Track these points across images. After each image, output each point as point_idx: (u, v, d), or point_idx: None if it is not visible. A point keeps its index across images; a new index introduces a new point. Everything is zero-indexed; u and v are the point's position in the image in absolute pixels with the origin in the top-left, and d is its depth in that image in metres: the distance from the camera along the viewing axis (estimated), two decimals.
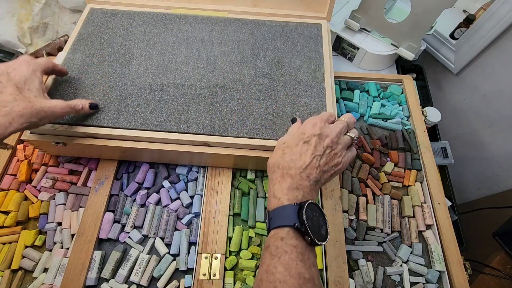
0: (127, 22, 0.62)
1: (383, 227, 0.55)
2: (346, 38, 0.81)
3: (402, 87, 0.72)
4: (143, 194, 0.56)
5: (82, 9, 0.80)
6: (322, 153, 0.37)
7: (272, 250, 0.32)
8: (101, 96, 0.53)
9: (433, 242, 0.54)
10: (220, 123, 0.51)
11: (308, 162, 0.36)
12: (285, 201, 0.34)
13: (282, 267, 0.30)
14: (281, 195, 0.35)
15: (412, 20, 0.70)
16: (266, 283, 0.30)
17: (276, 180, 0.37)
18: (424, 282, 0.51)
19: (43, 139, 0.51)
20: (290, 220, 0.33)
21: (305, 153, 0.37)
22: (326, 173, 0.38)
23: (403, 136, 0.64)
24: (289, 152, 0.38)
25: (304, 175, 0.36)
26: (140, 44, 0.59)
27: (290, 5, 0.65)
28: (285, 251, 0.31)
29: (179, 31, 0.62)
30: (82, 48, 0.58)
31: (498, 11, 0.74)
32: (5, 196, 0.56)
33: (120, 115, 0.51)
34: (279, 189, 0.36)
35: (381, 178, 0.60)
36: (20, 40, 0.77)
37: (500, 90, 0.82)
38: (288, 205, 0.34)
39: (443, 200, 0.57)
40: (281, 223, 0.33)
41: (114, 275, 0.50)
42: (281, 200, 0.35)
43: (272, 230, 0.34)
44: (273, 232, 0.34)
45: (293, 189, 0.35)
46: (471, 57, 0.85)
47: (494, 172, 0.90)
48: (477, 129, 0.93)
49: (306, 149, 0.37)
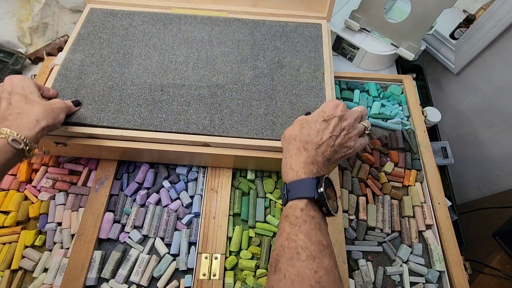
0: (127, 22, 0.62)
1: (383, 227, 0.55)
2: (346, 38, 0.81)
3: (402, 87, 0.72)
4: (143, 194, 0.56)
5: (82, 9, 0.80)
6: (339, 134, 0.39)
7: (292, 220, 0.34)
8: (101, 96, 0.53)
9: (433, 242, 0.54)
10: (220, 123, 0.51)
11: (325, 140, 0.38)
12: (302, 174, 0.36)
13: (303, 235, 0.32)
14: (298, 168, 0.37)
15: (412, 20, 0.70)
16: (288, 249, 0.32)
17: (293, 152, 0.38)
18: (424, 282, 0.51)
19: (43, 139, 0.51)
20: (309, 193, 0.35)
21: (323, 130, 0.39)
22: (337, 154, 0.40)
23: (403, 136, 0.64)
24: (308, 127, 0.40)
25: (320, 151, 0.38)
26: (140, 44, 0.59)
27: (290, 5, 0.65)
28: (304, 221, 0.33)
29: (178, 31, 0.62)
30: (81, 48, 0.58)
31: (498, 11, 0.74)
32: (5, 196, 0.56)
33: (120, 115, 0.51)
34: (295, 162, 0.37)
35: (381, 178, 0.60)
36: (20, 40, 0.77)
37: (500, 90, 0.82)
38: (307, 178, 0.36)
39: (443, 200, 0.57)
40: (301, 195, 0.35)
41: (114, 275, 0.50)
42: (298, 173, 0.36)
43: (291, 201, 0.36)
44: (292, 203, 0.35)
45: (309, 163, 0.37)
46: (471, 57, 0.85)
47: (494, 172, 0.90)
48: (477, 129, 0.93)
49: (324, 127, 0.39)
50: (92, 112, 0.51)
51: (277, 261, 0.33)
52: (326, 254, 0.32)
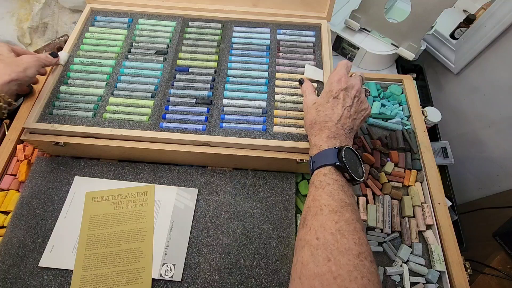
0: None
1: (383, 227, 0.55)
2: (346, 38, 0.81)
3: (402, 87, 0.72)
4: None
5: (82, 9, 0.80)
6: (351, 104, 0.44)
7: (317, 184, 0.38)
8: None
9: (433, 242, 0.54)
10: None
11: (341, 114, 0.42)
12: (325, 147, 0.40)
13: (326, 195, 0.36)
14: (321, 143, 0.41)
15: (412, 20, 0.70)
16: (313, 208, 0.36)
17: (316, 133, 0.43)
18: (424, 282, 0.51)
19: (43, 139, 0.51)
20: (331, 160, 0.38)
21: (336, 106, 0.43)
22: (357, 120, 0.44)
23: (403, 136, 0.64)
24: (322, 109, 0.44)
25: (340, 126, 0.42)
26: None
27: (290, 5, 0.65)
28: (327, 183, 0.37)
29: None
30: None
31: (498, 11, 0.74)
32: (5, 196, 0.56)
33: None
34: (319, 139, 0.42)
35: (381, 178, 0.60)
36: (19, 40, 0.77)
37: (500, 90, 0.82)
38: (328, 149, 0.40)
39: (443, 200, 0.57)
40: (323, 162, 0.39)
41: None
42: (322, 146, 0.40)
43: (316, 170, 0.40)
44: (316, 171, 0.39)
45: (331, 138, 0.41)
46: (471, 57, 0.85)
47: (494, 172, 0.90)
48: (477, 129, 0.93)
49: (336, 104, 0.43)
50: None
51: (304, 218, 0.37)
52: (347, 209, 0.35)
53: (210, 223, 0.53)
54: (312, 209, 0.36)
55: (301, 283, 0.31)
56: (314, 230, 0.34)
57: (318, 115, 0.44)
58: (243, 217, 0.53)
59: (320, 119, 0.43)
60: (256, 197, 0.55)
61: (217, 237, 0.52)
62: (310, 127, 0.45)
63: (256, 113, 0.55)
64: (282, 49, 0.62)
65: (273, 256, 0.50)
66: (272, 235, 0.52)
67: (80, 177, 0.56)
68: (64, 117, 0.52)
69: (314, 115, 0.44)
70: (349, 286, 0.29)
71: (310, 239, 0.34)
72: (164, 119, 0.53)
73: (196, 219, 0.53)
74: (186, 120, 0.53)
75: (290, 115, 0.55)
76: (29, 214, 0.52)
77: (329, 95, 0.44)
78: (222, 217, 0.53)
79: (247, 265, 0.50)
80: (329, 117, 0.43)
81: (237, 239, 0.52)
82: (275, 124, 0.53)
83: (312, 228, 0.34)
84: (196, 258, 0.50)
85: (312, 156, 0.42)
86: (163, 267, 0.49)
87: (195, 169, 0.58)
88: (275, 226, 0.53)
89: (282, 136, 0.52)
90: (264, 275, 0.49)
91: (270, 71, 0.59)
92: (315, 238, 0.33)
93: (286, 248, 0.51)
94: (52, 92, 0.54)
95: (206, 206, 0.54)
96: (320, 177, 0.38)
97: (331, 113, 0.43)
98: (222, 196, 0.55)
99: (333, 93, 0.44)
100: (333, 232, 0.33)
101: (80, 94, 0.55)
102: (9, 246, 0.49)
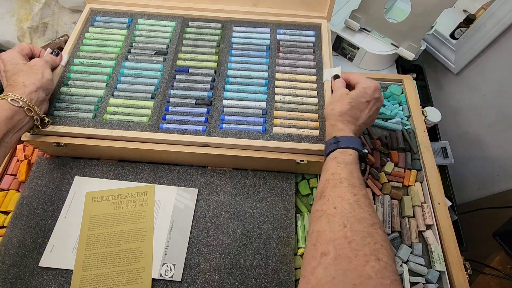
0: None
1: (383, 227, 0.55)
2: (346, 38, 0.81)
3: (402, 87, 0.72)
4: None
5: (82, 9, 0.80)
6: (372, 114, 0.48)
7: (339, 160, 0.40)
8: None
9: (433, 242, 0.54)
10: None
11: (365, 119, 0.47)
12: (352, 134, 0.44)
13: (347, 171, 0.39)
14: (349, 130, 0.45)
15: (412, 20, 0.70)
16: (332, 181, 0.38)
17: (344, 122, 0.46)
18: (424, 282, 0.51)
19: (43, 140, 0.51)
20: (359, 146, 0.42)
21: (364, 110, 0.48)
22: (367, 125, 0.49)
23: (403, 136, 0.64)
24: (356, 106, 0.47)
25: (360, 125, 0.47)
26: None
27: (290, 5, 0.65)
28: (350, 162, 0.40)
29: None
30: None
31: (498, 11, 0.74)
32: (5, 196, 0.56)
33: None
34: (346, 127, 0.45)
35: (381, 178, 0.60)
36: (19, 40, 0.77)
37: (500, 90, 0.82)
38: (356, 137, 0.44)
39: (443, 200, 0.57)
40: (351, 145, 0.42)
41: None
42: (350, 133, 0.44)
43: (342, 148, 0.42)
44: (342, 150, 0.42)
45: (356, 132, 0.46)
46: (471, 57, 0.85)
47: (494, 172, 0.90)
48: (477, 129, 0.92)
49: (365, 107, 0.48)
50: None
51: (322, 191, 0.38)
52: (365, 188, 0.38)
53: (210, 223, 0.53)
54: (331, 181, 0.38)
55: (315, 249, 0.32)
56: (332, 201, 0.36)
57: (351, 110, 0.46)
58: (243, 217, 0.54)
59: (352, 114, 0.46)
60: (256, 197, 0.55)
61: (217, 237, 0.52)
62: (338, 114, 0.46)
63: (256, 114, 0.55)
64: (282, 49, 0.62)
65: (273, 256, 0.50)
66: (272, 235, 0.52)
67: (80, 177, 0.56)
68: (65, 118, 0.52)
69: (346, 108, 0.46)
70: (362, 249, 0.30)
71: (327, 209, 0.35)
72: (164, 120, 0.53)
73: (196, 219, 0.53)
74: (186, 121, 0.53)
75: (290, 116, 0.55)
76: (29, 214, 0.52)
77: (363, 96, 0.47)
78: (222, 217, 0.53)
79: (247, 265, 0.50)
80: (357, 117, 0.47)
81: (237, 239, 0.52)
82: (275, 125, 0.53)
83: (330, 199, 0.36)
84: (196, 258, 0.50)
85: (337, 136, 0.44)
86: (163, 267, 0.49)
87: (195, 169, 0.58)
88: (275, 226, 0.53)
89: (282, 137, 0.52)
90: (264, 275, 0.49)
91: (270, 71, 0.59)
92: (332, 207, 0.35)
93: (286, 248, 0.51)
94: (53, 93, 0.54)
95: (206, 206, 0.54)
96: (345, 156, 0.41)
97: (359, 115, 0.47)
98: (222, 196, 0.55)
99: (367, 96, 0.48)
100: (351, 202, 0.35)
101: (80, 95, 0.55)
102: (9, 246, 0.49)
